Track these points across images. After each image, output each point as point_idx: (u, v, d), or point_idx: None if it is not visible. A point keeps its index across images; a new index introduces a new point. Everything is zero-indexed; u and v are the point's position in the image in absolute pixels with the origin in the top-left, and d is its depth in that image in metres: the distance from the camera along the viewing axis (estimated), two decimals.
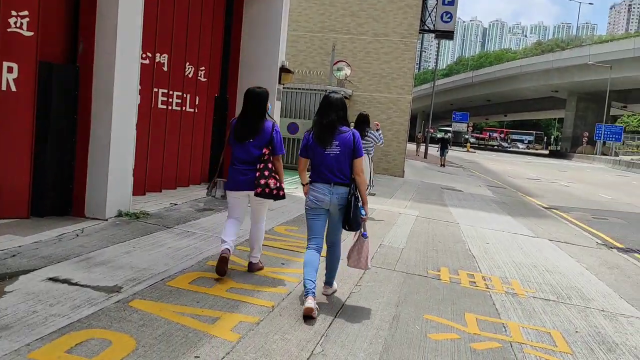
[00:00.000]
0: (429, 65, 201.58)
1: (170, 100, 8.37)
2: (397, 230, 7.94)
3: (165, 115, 8.20)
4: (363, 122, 8.57)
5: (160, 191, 8.22)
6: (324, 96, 4.31)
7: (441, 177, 20.58)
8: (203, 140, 9.53)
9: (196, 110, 9.17)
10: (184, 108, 8.77)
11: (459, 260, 6.48)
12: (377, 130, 9.42)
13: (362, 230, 4.29)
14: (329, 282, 4.49)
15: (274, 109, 9.83)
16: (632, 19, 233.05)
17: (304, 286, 4.01)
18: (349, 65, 16.61)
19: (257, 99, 4.52)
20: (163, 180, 8.29)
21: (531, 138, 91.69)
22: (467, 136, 74.12)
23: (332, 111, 4.14)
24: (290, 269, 5.10)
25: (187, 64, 8.76)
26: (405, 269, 5.72)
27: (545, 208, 14.55)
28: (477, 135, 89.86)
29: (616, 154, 60.79)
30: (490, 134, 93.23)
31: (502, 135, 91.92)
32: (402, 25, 17.83)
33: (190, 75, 8.86)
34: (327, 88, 16.38)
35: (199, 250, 5.36)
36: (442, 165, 27.72)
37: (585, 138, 60.57)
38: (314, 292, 3.97)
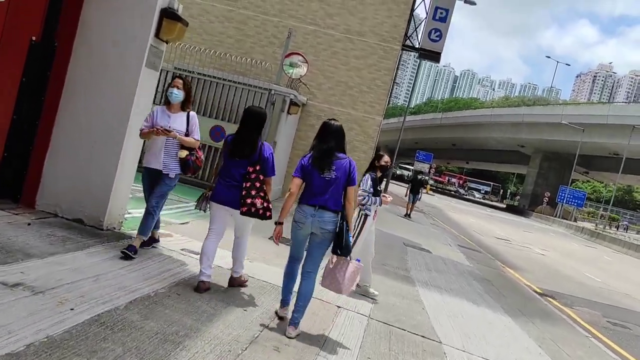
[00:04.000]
0: (398, 101, 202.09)
1: None
2: None
3: None
4: (382, 169, 6.40)
5: None
6: (324, 123, 4.32)
7: (403, 227, 16.37)
8: None
9: None
10: None
11: None
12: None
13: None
14: (295, 322, 4.13)
15: (143, 77, 5.33)
16: (595, 89, 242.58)
17: (282, 296, 4.34)
18: (307, 63, 12.33)
19: (259, 118, 4.58)
20: None
21: (488, 189, 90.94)
22: (427, 178, 71.54)
23: (332, 138, 4.19)
24: None
25: None
26: None
27: (540, 294, 10.76)
28: (436, 177, 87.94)
29: (575, 220, 59.12)
30: (449, 178, 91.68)
31: (460, 182, 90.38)
32: (384, 25, 13.76)
33: None
34: (272, 87, 12.04)
35: None
36: (408, 214, 20.35)
37: (547, 198, 58.50)
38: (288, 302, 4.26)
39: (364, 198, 6.01)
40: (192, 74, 12.29)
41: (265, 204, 4.47)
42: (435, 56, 18.82)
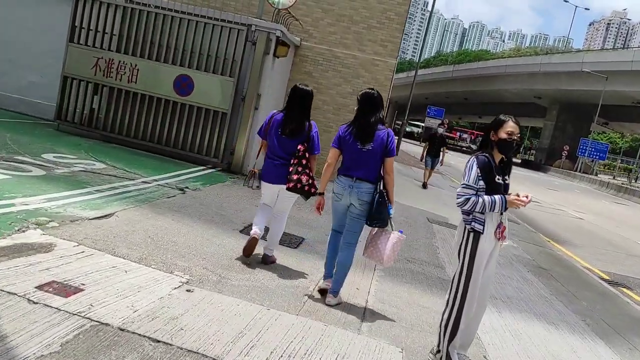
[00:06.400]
0: (406, 57, 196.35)
1: None
2: None
3: None
4: (504, 146, 3.44)
5: None
6: (365, 93, 4.22)
7: (422, 196, 13.63)
8: None
9: None
10: None
11: None
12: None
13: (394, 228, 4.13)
14: (334, 291, 4.21)
15: None
16: (609, 37, 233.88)
17: (325, 270, 4.39)
18: None
19: (307, 97, 4.67)
20: None
21: None
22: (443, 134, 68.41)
23: (375, 110, 4.14)
24: None
25: None
26: None
27: (610, 283, 8.24)
28: (447, 134, 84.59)
29: (596, 174, 56.22)
30: (461, 134, 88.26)
31: (472, 137, 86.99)
32: None
33: None
34: (252, 22, 9.17)
35: None
36: (425, 185, 15.18)
37: (566, 152, 55.33)
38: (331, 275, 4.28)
39: (465, 200, 3.25)
40: (149, 8, 9.43)
41: (310, 181, 4.55)
42: None
